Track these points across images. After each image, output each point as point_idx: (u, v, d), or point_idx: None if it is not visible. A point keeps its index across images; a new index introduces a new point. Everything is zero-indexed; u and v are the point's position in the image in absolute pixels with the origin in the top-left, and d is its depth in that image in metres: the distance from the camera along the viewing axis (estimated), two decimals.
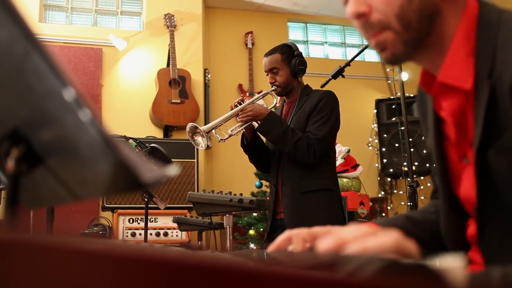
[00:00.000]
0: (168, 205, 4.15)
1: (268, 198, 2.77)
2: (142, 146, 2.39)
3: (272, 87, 2.77)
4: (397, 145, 5.76)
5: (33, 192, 0.73)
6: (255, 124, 2.70)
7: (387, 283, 0.32)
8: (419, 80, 0.94)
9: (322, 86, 3.15)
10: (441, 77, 0.84)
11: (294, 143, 2.56)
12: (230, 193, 2.15)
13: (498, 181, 0.81)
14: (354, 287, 0.32)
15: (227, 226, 2.18)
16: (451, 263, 0.52)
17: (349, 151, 4.42)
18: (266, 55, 2.82)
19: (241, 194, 2.13)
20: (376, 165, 6.12)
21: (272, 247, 0.81)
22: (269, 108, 2.77)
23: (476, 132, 0.81)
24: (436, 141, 0.94)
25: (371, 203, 5.13)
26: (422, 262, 0.43)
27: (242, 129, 2.71)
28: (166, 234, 4.32)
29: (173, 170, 0.50)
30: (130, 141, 2.37)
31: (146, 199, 2.81)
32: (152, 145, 2.42)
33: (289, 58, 2.77)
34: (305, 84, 2.85)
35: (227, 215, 2.17)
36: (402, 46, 0.84)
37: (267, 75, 2.80)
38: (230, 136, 2.73)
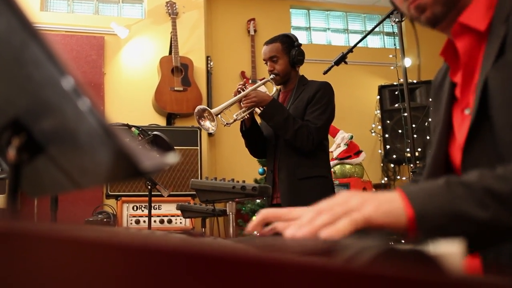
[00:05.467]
0: (171, 193, 4.16)
1: None
2: (144, 134, 2.40)
3: (270, 75, 2.83)
4: (400, 131, 5.74)
5: (35, 180, 0.74)
6: (257, 110, 2.75)
7: (384, 270, 0.32)
8: (441, 49, 1.07)
9: (325, 72, 3.17)
10: (461, 19, 0.97)
11: (295, 130, 2.62)
12: (233, 180, 2.15)
13: (494, 110, 0.89)
14: (352, 273, 0.32)
15: (230, 213, 2.19)
16: (448, 249, 0.52)
17: (352, 137, 4.42)
18: (266, 43, 2.86)
19: (243, 181, 2.13)
20: (379, 151, 6.12)
21: (249, 227, 0.87)
22: (271, 95, 2.82)
23: (484, 64, 0.92)
24: (448, 102, 1.07)
25: (374, 189, 5.13)
26: (419, 248, 0.43)
27: (246, 115, 2.76)
28: (170, 221, 4.34)
29: (172, 158, 0.50)
30: (133, 129, 2.38)
31: (149, 187, 2.82)
32: (155, 133, 2.42)
33: (289, 48, 2.83)
34: (301, 74, 2.91)
35: (230, 202, 2.18)
36: (441, 6, 0.98)
37: (266, 63, 2.85)
38: (235, 120, 2.79)
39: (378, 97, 6.03)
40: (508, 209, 0.71)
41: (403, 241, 0.72)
